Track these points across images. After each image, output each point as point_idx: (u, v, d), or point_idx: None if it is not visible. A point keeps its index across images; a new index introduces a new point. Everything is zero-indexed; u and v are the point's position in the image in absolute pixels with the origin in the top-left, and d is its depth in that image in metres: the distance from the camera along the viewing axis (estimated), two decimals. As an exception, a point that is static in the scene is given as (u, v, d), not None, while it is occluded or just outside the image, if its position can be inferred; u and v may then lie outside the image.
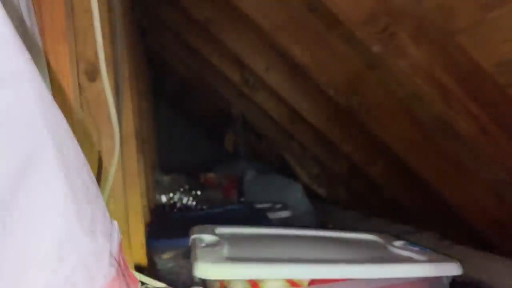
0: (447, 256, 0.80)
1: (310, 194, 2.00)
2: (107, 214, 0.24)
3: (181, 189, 1.95)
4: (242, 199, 2.13)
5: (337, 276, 0.69)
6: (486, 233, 1.15)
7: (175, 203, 1.90)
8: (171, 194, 1.92)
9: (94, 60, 0.61)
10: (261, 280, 0.68)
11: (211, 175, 2.30)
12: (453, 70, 0.81)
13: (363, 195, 1.65)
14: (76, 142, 0.23)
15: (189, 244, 0.83)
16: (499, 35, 0.73)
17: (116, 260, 0.23)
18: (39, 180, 0.19)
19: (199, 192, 1.96)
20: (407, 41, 0.80)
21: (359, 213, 1.76)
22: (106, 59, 0.60)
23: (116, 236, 0.24)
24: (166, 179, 1.95)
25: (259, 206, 1.68)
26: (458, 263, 0.77)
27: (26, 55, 0.21)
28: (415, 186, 1.27)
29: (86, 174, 0.22)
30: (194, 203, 1.91)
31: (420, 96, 0.87)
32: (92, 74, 0.66)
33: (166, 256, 1.05)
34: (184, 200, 1.91)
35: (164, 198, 1.90)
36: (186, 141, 3.13)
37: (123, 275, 0.24)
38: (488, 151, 0.89)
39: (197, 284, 0.69)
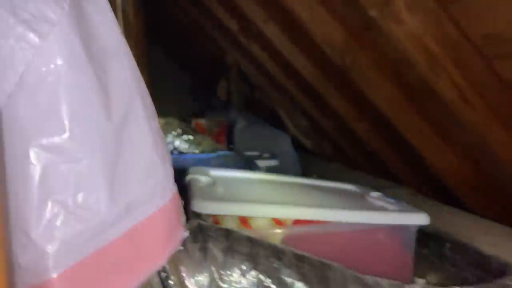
0: (417, 208, 0.90)
1: (298, 145, 2.09)
2: (169, 150, 0.31)
3: (174, 133, 2.01)
4: (232, 146, 2.21)
5: (317, 218, 0.78)
6: (458, 192, 1.25)
7: (167, 145, 1.97)
8: (163, 137, 1.99)
9: None
10: (250, 217, 0.77)
11: (202, 121, 2.35)
12: (442, 39, 0.86)
13: (348, 149, 1.73)
14: (150, 97, 0.29)
15: (186, 183, 0.91)
16: (490, 8, 0.78)
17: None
18: (135, 126, 0.26)
19: (191, 137, 2.03)
20: (402, 8, 0.84)
21: (343, 166, 1.86)
22: None
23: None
24: (159, 122, 2.00)
25: (248, 153, 1.76)
26: (426, 215, 0.86)
27: (120, 32, 0.26)
28: (397, 144, 1.36)
29: (157, 121, 0.29)
30: (186, 147, 1.98)
31: (409, 61, 0.92)
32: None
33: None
34: (176, 144, 1.98)
35: (156, 140, 1.97)
36: (180, 86, 3.16)
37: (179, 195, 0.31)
38: (466, 118, 0.96)
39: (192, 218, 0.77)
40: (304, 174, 1.76)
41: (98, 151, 0.24)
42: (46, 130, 0.23)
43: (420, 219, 0.85)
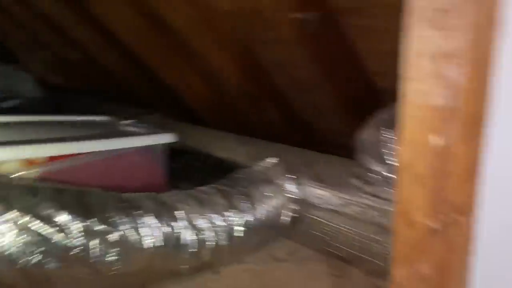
0: (165, 130, 1.01)
1: (46, 82, 1.94)
2: None
3: None
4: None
5: (71, 152, 0.80)
6: (200, 112, 1.43)
7: None
8: None
9: None
10: (-4, 162, 0.73)
11: None
12: None
13: (97, 80, 1.72)
14: None
15: None
16: None
17: None
18: None
19: None
20: None
21: (96, 99, 1.84)
22: None
23: None
24: None
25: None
26: (173, 134, 0.98)
27: None
28: (144, 74, 1.43)
29: None
30: None
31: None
32: None
33: None
34: None
35: None
36: None
37: None
38: (194, 45, 1.09)
39: None
40: (56, 110, 1.67)
41: None
42: None
43: (166, 137, 0.97)
